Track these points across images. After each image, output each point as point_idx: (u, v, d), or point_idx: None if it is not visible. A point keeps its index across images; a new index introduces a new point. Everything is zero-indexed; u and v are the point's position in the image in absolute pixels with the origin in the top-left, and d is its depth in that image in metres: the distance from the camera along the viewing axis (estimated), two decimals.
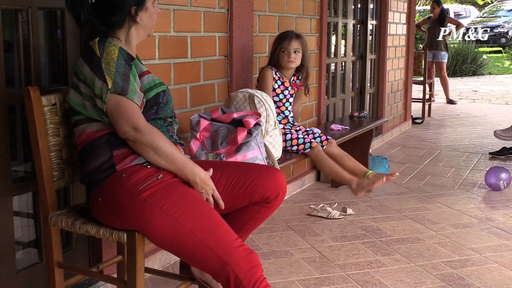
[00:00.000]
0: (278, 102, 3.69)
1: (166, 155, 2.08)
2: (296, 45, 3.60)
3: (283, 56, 3.61)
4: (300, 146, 3.57)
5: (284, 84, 3.70)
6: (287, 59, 3.60)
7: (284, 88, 3.70)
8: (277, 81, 3.66)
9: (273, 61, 3.67)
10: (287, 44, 3.60)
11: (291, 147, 3.58)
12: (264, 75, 3.61)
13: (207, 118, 2.99)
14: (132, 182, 2.05)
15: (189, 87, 3.33)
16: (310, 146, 3.56)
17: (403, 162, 5.77)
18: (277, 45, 3.64)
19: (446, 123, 8.38)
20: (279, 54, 3.63)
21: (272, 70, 3.63)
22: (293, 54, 3.60)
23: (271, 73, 3.61)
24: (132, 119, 2.04)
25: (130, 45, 2.21)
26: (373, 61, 6.64)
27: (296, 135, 3.61)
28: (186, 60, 3.28)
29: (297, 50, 3.61)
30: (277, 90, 3.67)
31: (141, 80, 2.16)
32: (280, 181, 2.34)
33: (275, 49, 3.65)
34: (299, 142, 3.58)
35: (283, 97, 3.70)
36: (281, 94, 3.69)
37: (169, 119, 2.26)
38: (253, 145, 2.86)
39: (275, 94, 3.66)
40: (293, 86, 3.74)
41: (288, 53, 3.59)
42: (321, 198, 4.51)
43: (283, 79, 3.69)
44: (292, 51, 3.59)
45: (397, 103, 7.42)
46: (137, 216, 2.01)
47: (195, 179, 2.13)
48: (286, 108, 3.74)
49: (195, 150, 2.88)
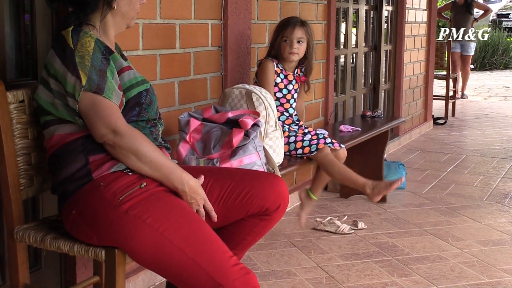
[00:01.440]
0: (281, 98, 3.68)
1: (150, 160, 2.07)
2: (300, 34, 3.60)
3: (285, 46, 3.61)
4: (305, 149, 3.55)
5: (288, 78, 3.70)
6: (289, 50, 3.60)
7: (287, 82, 3.70)
8: (280, 74, 3.65)
9: (273, 52, 3.67)
10: (289, 32, 3.60)
11: (295, 150, 3.58)
12: (265, 68, 3.61)
13: (198, 117, 2.99)
14: (111, 191, 2.04)
15: (178, 82, 3.33)
16: (316, 149, 3.55)
17: (423, 169, 5.77)
18: (278, 33, 3.64)
19: (472, 124, 8.39)
20: (280, 44, 3.63)
21: (274, 62, 3.63)
22: (296, 44, 3.59)
23: (272, 65, 3.61)
24: (110, 120, 2.04)
25: (107, 35, 2.21)
26: (389, 53, 6.65)
27: (302, 137, 3.60)
28: (174, 51, 3.28)
29: (301, 39, 3.61)
30: (280, 84, 3.66)
31: (121, 77, 2.16)
32: (281, 191, 2.34)
33: (276, 37, 3.65)
34: (304, 145, 3.56)
35: (287, 93, 3.70)
36: (284, 89, 3.69)
37: (153, 120, 2.26)
38: (251, 148, 2.85)
39: (277, 89, 3.66)
40: (297, 80, 3.74)
41: (291, 42, 3.59)
42: (328, 210, 4.50)
43: (286, 71, 3.69)
44: (295, 40, 3.59)
45: (416, 101, 7.44)
46: (117, 231, 2.01)
47: (184, 188, 2.13)
48: (291, 106, 3.74)
49: (184, 154, 2.88)
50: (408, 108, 7.13)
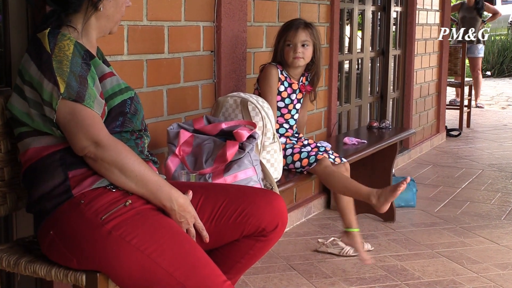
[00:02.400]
0: (283, 108, 3.69)
1: (136, 175, 2.07)
2: (304, 37, 3.61)
3: (288, 50, 3.62)
4: (303, 162, 3.56)
5: (292, 86, 3.70)
6: (293, 55, 3.60)
7: (291, 91, 3.70)
8: (284, 82, 3.66)
9: (277, 58, 3.68)
10: (292, 35, 3.61)
11: (293, 164, 3.58)
12: (268, 74, 3.61)
13: (189, 129, 2.99)
14: (92, 210, 2.04)
15: (166, 90, 3.34)
16: (316, 160, 3.55)
17: (435, 185, 5.78)
18: (281, 37, 3.65)
19: (489, 135, 8.41)
20: (283, 49, 3.64)
21: (278, 68, 3.64)
22: (301, 48, 3.60)
23: (276, 72, 3.62)
24: (92, 132, 2.03)
25: (89, 38, 2.22)
26: (398, 58, 6.67)
27: (299, 149, 3.60)
28: (162, 56, 3.29)
29: (305, 42, 3.62)
30: (283, 93, 3.67)
31: (103, 84, 2.16)
32: (280, 209, 2.34)
33: (279, 42, 3.66)
34: (302, 157, 3.56)
35: (289, 102, 3.71)
36: (287, 99, 3.70)
37: (138, 132, 2.26)
38: (246, 163, 2.86)
39: (280, 98, 3.67)
40: (301, 89, 3.75)
41: (294, 46, 3.60)
42: (331, 230, 4.50)
43: (291, 79, 3.70)
44: (299, 44, 3.60)
45: (428, 111, 7.45)
46: (99, 253, 2.01)
47: (173, 206, 2.12)
48: (292, 117, 3.75)
49: (173, 169, 2.88)
50: (418, 119, 7.15)
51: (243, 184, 2.78)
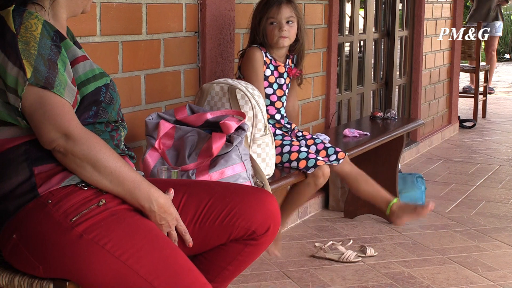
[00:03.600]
0: (271, 95, 3.69)
1: (110, 172, 2.08)
2: (288, 12, 3.61)
3: (272, 29, 3.61)
4: (301, 163, 3.56)
5: (279, 70, 3.71)
6: (279, 34, 3.61)
7: (278, 75, 3.71)
8: (269, 65, 3.66)
9: (257, 39, 3.68)
10: (275, 12, 3.60)
11: (289, 163, 3.59)
12: (252, 58, 3.61)
13: (170, 119, 2.99)
14: (61, 211, 2.04)
15: (144, 76, 3.34)
16: (314, 165, 3.56)
17: (447, 183, 5.79)
18: (262, 15, 3.64)
19: (508, 127, 8.44)
20: (265, 28, 3.63)
21: (262, 50, 3.64)
22: (286, 26, 3.61)
23: (260, 54, 3.62)
24: (62, 122, 2.04)
25: (58, 17, 2.21)
26: (405, 40, 6.68)
27: (298, 146, 3.61)
28: (139, 38, 3.29)
29: (290, 19, 3.62)
30: (270, 78, 3.68)
31: (75, 68, 2.16)
32: (272, 209, 2.35)
33: (259, 20, 3.64)
34: (300, 157, 3.57)
35: (277, 88, 3.71)
36: (275, 84, 3.70)
37: (114, 123, 2.27)
38: (234, 158, 2.86)
39: (267, 84, 3.67)
40: (289, 72, 3.75)
41: (279, 24, 3.60)
42: (330, 233, 4.51)
43: (276, 62, 3.70)
44: (284, 21, 3.60)
45: (438, 99, 7.47)
46: (69, 259, 2.01)
47: (152, 206, 2.13)
48: (283, 105, 3.75)
49: (152, 164, 2.88)
50: (428, 108, 7.16)
51: (231, 182, 2.79)
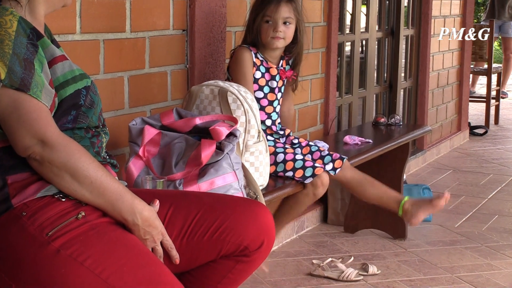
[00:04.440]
0: (262, 99, 3.70)
1: (91, 181, 2.08)
2: (286, 12, 3.62)
3: (267, 28, 3.62)
4: (297, 172, 3.57)
5: (270, 72, 3.72)
6: (272, 34, 3.62)
7: (270, 78, 3.72)
8: (260, 67, 3.68)
9: (250, 37, 3.69)
10: (273, 10, 3.61)
11: (284, 172, 3.59)
12: (240, 59, 3.63)
13: (155, 125, 3.00)
14: (36, 224, 2.04)
15: (128, 78, 3.34)
16: (312, 174, 3.57)
17: (456, 195, 5.80)
18: (258, 11, 3.65)
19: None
20: (259, 26, 3.64)
21: (251, 50, 3.65)
22: (282, 26, 3.62)
23: (249, 55, 3.63)
24: (38, 127, 2.04)
25: (35, 13, 2.22)
26: (410, 39, 6.70)
27: (293, 154, 3.61)
28: (123, 36, 3.29)
29: (288, 20, 3.63)
30: (260, 81, 3.69)
31: (52, 69, 2.17)
32: (266, 223, 2.35)
33: (255, 17, 3.66)
34: (296, 166, 3.58)
35: (269, 91, 3.72)
36: (266, 87, 3.71)
37: (95, 128, 2.27)
38: (225, 166, 2.87)
39: (257, 87, 3.68)
40: (281, 75, 3.76)
41: (274, 24, 3.61)
42: (329, 249, 4.51)
43: (268, 63, 3.72)
44: (280, 21, 3.61)
45: (447, 104, 7.48)
46: (45, 277, 2.01)
47: (135, 219, 2.13)
48: (274, 109, 3.76)
49: (136, 174, 2.88)
50: (436, 114, 7.18)
51: (221, 193, 2.79)
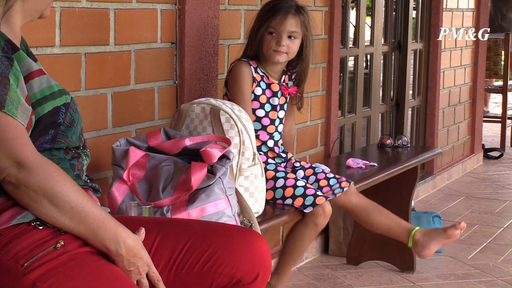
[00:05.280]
0: (263, 118, 3.70)
1: (71, 207, 2.08)
2: (293, 26, 3.63)
3: (270, 40, 3.63)
4: (297, 200, 3.56)
5: (272, 88, 3.72)
6: (275, 47, 3.63)
7: (271, 94, 3.72)
8: (260, 82, 3.68)
9: (252, 48, 3.70)
10: (279, 22, 3.62)
11: (283, 199, 3.58)
12: (238, 73, 3.63)
13: (141, 146, 3.00)
14: (11, 254, 2.04)
15: (112, 94, 3.34)
16: (313, 203, 3.56)
17: (469, 223, 5.78)
18: (262, 22, 3.66)
19: None
20: (263, 37, 3.65)
21: (251, 65, 3.66)
22: (286, 41, 3.62)
23: (249, 70, 3.64)
24: (14, 148, 2.04)
25: (10, 24, 2.22)
26: (419, 54, 6.72)
27: (294, 180, 3.61)
28: (106, 49, 3.30)
29: (293, 34, 3.64)
30: (261, 97, 3.69)
31: (29, 84, 2.17)
32: (261, 253, 2.35)
33: (258, 28, 3.67)
34: (296, 193, 3.57)
35: (270, 109, 3.72)
36: (267, 105, 3.72)
37: (75, 150, 2.27)
38: (217, 192, 2.87)
39: (258, 104, 3.68)
40: (284, 92, 3.76)
41: (278, 37, 3.61)
42: (330, 283, 4.50)
43: (269, 79, 3.72)
44: (284, 35, 3.61)
45: (459, 124, 7.49)
46: None
47: (119, 249, 2.13)
48: (276, 129, 3.76)
49: (120, 199, 2.88)
50: (447, 135, 7.18)
51: (213, 220, 2.79)
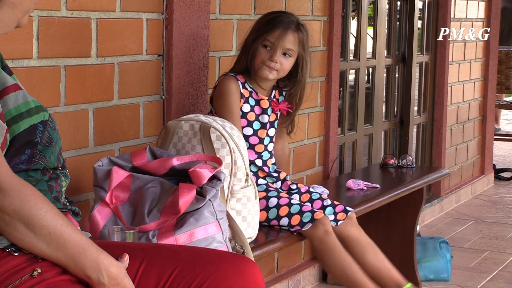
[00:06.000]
0: (251, 137, 3.71)
1: (49, 232, 2.08)
2: (291, 43, 3.65)
3: (262, 53, 3.64)
4: (293, 219, 3.56)
5: (261, 104, 3.73)
6: (267, 62, 3.64)
7: (261, 111, 3.73)
8: (248, 99, 3.69)
9: (244, 60, 3.71)
10: (277, 36, 3.63)
11: (278, 220, 3.59)
12: (224, 90, 3.64)
13: (125, 166, 3.00)
14: None
15: (93, 110, 3.34)
16: (311, 219, 3.56)
17: (479, 250, 5.79)
18: (259, 33, 3.67)
19: None
20: (256, 50, 3.67)
21: (238, 80, 3.66)
22: (280, 58, 3.64)
23: (236, 85, 3.64)
24: None
25: None
26: (425, 67, 6.73)
27: (287, 199, 3.61)
28: (88, 61, 3.30)
29: (289, 52, 3.65)
30: (250, 115, 3.70)
31: (3, 100, 2.17)
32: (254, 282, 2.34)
33: (253, 40, 3.69)
34: (291, 211, 3.57)
35: (259, 127, 3.73)
36: (256, 122, 3.72)
37: (53, 170, 2.28)
38: (207, 215, 2.87)
39: (246, 122, 3.69)
40: (274, 108, 3.77)
41: (273, 51, 3.62)
42: None
43: (259, 95, 3.73)
44: (279, 51, 3.63)
45: (468, 143, 7.50)
46: None
47: (101, 277, 2.13)
48: (266, 148, 3.77)
49: (102, 223, 2.88)
50: (455, 154, 7.19)
51: (203, 246, 2.79)
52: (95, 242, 2.19)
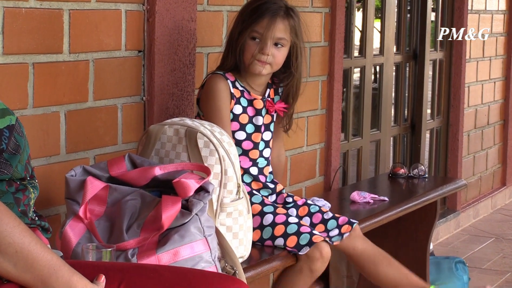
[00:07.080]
0: (244, 142, 3.72)
1: (15, 251, 2.08)
2: (281, 31, 3.65)
3: (251, 47, 3.65)
4: (289, 240, 3.57)
5: (255, 105, 3.74)
6: (258, 56, 3.64)
7: (254, 113, 3.74)
8: (240, 99, 3.69)
9: (232, 57, 3.71)
10: (264, 25, 3.64)
11: (272, 240, 3.59)
12: (212, 89, 3.64)
13: (101, 176, 3.00)
14: None
15: (65, 113, 3.34)
16: (309, 242, 3.57)
17: (500, 271, 5.80)
18: (246, 25, 3.68)
19: None
20: (244, 44, 3.67)
21: (227, 79, 3.66)
22: (272, 49, 3.64)
23: (225, 85, 3.64)
24: None
25: None
26: (439, 65, 6.75)
27: (285, 216, 3.61)
28: (59, 58, 3.31)
29: (280, 41, 3.66)
30: (242, 117, 3.70)
31: None
32: None
33: (239, 32, 3.69)
34: (288, 231, 3.57)
35: (253, 131, 3.73)
36: (249, 125, 3.73)
37: (20, 181, 2.28)
38: (194, 232, 2.87)
39: (238, 126, 3.69)
40: (269, 108, 3.77)
41: (263, 43, 3.63)
42: None
43: (251, 94, 3.74)
44: (270, 41, 3.63)
45: (487, 150, 7.51)
46: None
47: None
48: (261, 154, 3.77)
49: (75, 241, 2.88)
50: (472, 163, 7.20)
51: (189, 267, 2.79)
52: (67, 262, 2.19)
